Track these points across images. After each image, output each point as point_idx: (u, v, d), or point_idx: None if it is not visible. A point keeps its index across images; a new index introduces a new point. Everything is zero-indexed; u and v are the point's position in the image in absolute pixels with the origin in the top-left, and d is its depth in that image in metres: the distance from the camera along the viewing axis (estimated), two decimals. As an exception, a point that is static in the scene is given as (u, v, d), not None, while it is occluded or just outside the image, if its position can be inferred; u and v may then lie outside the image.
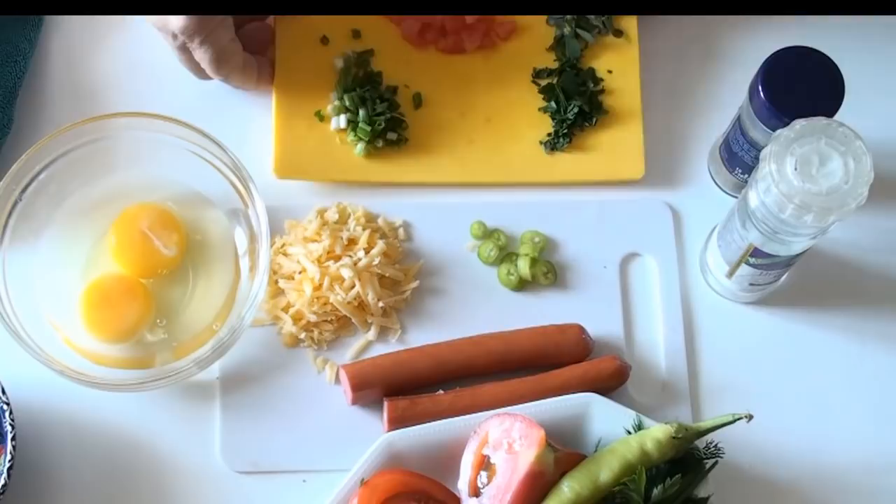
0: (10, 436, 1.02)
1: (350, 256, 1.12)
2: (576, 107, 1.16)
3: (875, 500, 1.11)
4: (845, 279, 1.17)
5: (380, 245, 1.13)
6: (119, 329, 1.09)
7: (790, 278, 1.15)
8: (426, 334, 1.13)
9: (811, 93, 1.06)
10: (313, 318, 1.11)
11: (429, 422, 1.06)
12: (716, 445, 1.05)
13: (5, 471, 1.01)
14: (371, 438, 1.05)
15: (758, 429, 1.05)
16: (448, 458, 1.05)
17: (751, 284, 1.12)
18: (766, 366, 1.14)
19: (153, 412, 1.10)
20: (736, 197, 1.15)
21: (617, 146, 1.17)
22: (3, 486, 1.00)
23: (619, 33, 1.20)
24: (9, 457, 1.01)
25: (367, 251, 1.13)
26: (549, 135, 1.17)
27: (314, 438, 1.10)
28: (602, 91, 1.19)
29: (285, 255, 1.13)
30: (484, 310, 1.14)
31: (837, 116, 1.04)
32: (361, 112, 1.15)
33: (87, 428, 1.09)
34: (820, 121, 0.99)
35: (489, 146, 1.17)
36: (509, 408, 1.05)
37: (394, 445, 1.05)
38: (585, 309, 1.14)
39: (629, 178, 1.17)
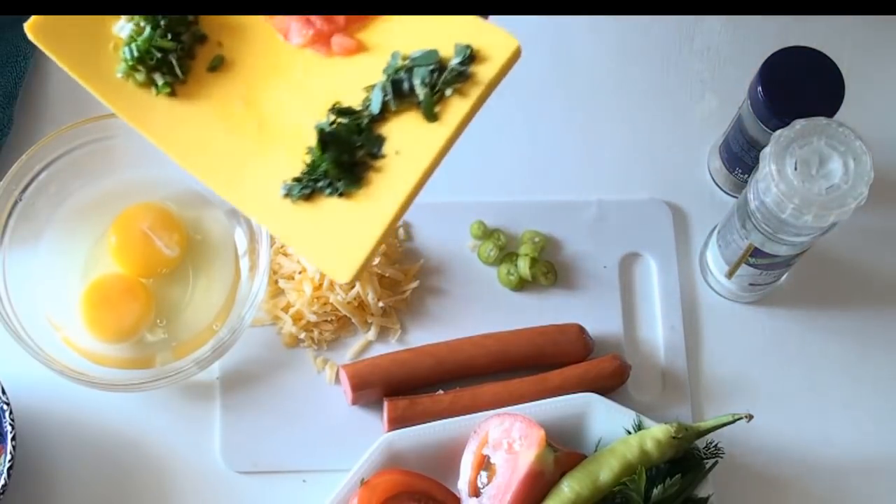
0: (10, 436, 1.02)
1: (350, 256, 1.12)
2: (324, 163, 0.91)
3: (875, 499, 1.11)
4: (845, 279, 1.17)
5: (380, 245, 1.13)
6: (119, 329, 1.09)
7: (790, 278, 1.15)
8: (426, 334, 1.13)
9: (811, 93, 1.06)
10: (313, 318, 1.11)
11: (429, 422, 1.06)
12: (716, 445, 1.05)
13: (5, 471, 1.01)
14: (371, 438, 1.05)
15: (758, 429, 1.05)
16: (448, 458, 1.05)
17: (751, 284, 1.12)
18: (766, 366, 1.14)
19: (153, 412, 1.10)
20: (736, 197, 1.15)
21: (344, 231, 0.90)
22: (3, 486, 1.00)
23: (433, 117, 0.90)
24: (9, 457, 1.01)
25: (367, 251, 1.12)
26: (294, 178, 0.92)
27: (314, 438, 1.10)
28: (369, 165, 0.91)
29: (285, 255, 1.13)
30: (484, 310, 1.14)
31: (837, 116, 1.04)
32: (147, 33, 0.96)
33: (87, 428, 1.09)
34: (820, 121, 0.99)
35: (239, 156, 0.94)
36: (509, 408, 1.05)
37: (394, 445, 1.05)
38: (585, 309, 1.14)
39: (333, 276, 0.90)
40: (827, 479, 1.11)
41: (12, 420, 1.02)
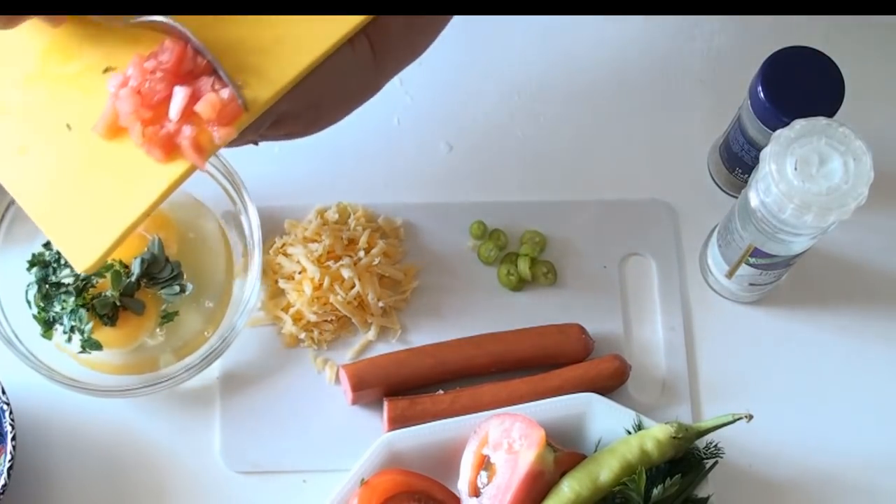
0: (10, 436, 1.02)
1: (350, 256, 1.12)
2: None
3: (875, 499, 1.11)
4: (845, 279, 1.17)
5: (380, 245, 1.13)
6: (120, 335, 1.08)
7: (790, 278, 1.15)
8: (426, 334, 1.13)
9: (811, 93, 1.06)
10: (313, 318, 1.11)
11: (429, 422, 1.06)
12: (716, 445, 1.05)
13: (5, 471, 1.01)
14: (371, 438, 1.05)
15: (758, 429, 1.05)
16: (448, 458, 1.05)
17: (751, 284, 1.12)
18: (766, 366, 1.14)
19: (153, 413, 1.10)
20: (736, 197, 1.15)
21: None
22: (3, 486, 1.00)
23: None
24: (9, 457, 1.01)
25: (367, 251, 1.13)
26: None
27: (314, 438, 1.10)
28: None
29: (285, 255, 1.13)
30: (484, 310, 1.14)
31: (837, 116, 1.04)
32: None
33: (87, 428, 1.09)
34: (820, 121, 0.99)
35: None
36: (509, 408, 1.05)
37: (394, 445, 1.05)
38: (585, 309, 1.14)
39: None
40: (827, 480, 1.11)
41: (12, 420, 1.02)
